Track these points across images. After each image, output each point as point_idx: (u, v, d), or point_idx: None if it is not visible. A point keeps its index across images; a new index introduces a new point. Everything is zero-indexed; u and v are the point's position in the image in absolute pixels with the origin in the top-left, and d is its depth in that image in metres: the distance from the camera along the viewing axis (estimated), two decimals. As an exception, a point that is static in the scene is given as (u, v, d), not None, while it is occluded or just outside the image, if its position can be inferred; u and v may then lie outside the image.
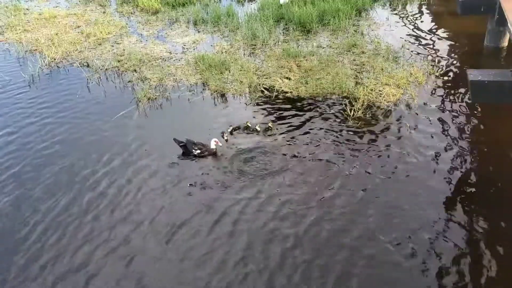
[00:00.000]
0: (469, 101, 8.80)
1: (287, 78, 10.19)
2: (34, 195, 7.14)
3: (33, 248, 6.16)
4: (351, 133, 8.15)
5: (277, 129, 8.46)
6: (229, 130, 8.38)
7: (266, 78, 10.28)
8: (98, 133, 8.74)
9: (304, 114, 8.83)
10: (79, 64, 11.80)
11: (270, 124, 8.51)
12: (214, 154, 7.85)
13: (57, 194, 7.13)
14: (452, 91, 9.34)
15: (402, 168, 7.19)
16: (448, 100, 9.05)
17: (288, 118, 8.76)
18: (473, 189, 6.79)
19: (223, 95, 9.80)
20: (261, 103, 9.38)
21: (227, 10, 14.33)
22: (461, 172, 7.06)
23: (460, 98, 9.07)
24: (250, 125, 8.46)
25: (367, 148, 7.71)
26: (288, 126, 8.50)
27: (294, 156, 7.67)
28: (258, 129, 8.41)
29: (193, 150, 7.77)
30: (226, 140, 8.14)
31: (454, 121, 8.32)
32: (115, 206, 6.83)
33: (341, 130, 8.24)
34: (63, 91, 10.47)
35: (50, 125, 9.10)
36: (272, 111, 9.04)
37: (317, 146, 7.87)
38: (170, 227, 6.37)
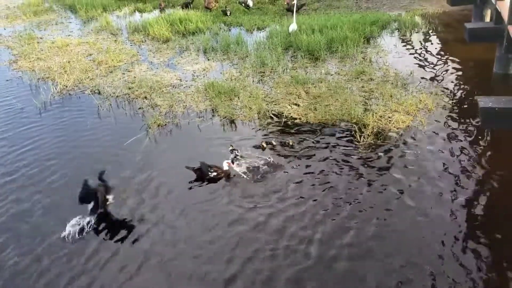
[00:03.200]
0: (479, 128, 8.75)
1: (295, 104, 10.23)
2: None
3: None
4: (361, 159, 8.09)
5: (294, 144, 8.68)
6: (230, 148, 8.48)
7: (275, 104, 10.33)
8: (108, 158, 8.76)
9: (313, 140, 8.81)
10: (91, 91, 11.97)
11: (290, 142, 8.72)
12: (228, 176, 7.92)
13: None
14: (462, 118, 9.30)
15: (412, 196, 7.09)
16: (458, 126, 9.00)
17: (297, 144, 8.74)
18: (486, 218, 6.63)
19: (232, 121, 9.84)
20: (270, 129, 9.38)
21: (236, 39, 14.56)
22: (473, 200, 6.93)
23: (470, 125, 9.02)
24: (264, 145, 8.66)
25: (377, 175, 7.64)
26: (297, 152, 8.47)
27: (301, 181, 7.62)
28: (265, 145, 8.62)
29: (209, 173, 7.81)
30: (241, 157, 8.28)
31: (464, 148, 8.24)
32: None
33: (350, 157, 8.18)
34: (74, 118, 10.57)
35: (60, 151, 9.15)
36: (281, 137, 9.03)
37: (326, 172, 7.81)
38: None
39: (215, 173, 7.82)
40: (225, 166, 7.92)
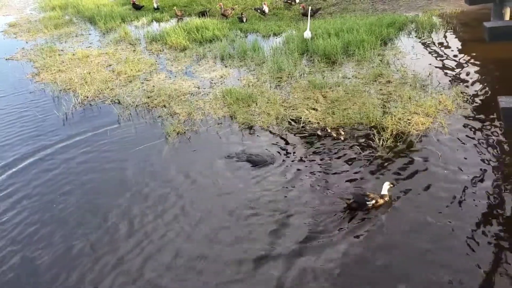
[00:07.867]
0: (501, 128, 8.61)
1: (313, 109, 10.23)
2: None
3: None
4: (381, 163, 8.04)
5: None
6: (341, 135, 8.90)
7: (293, 109, 10.35)
8: (127, 166, 8.92)
9: (332, 144, 8.79)
10: (111, 101, 12.17)
11: (333, 133, 8.98)
12: (386, 201, 6.92)
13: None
14: (484, 119, 9.16)
15: (434, 200, 7.01)
16: (479, 128, 8.86)
17: (316, 147, 8.73)
18: (510, 223, 6.53)
19: (251, 127, 9.89)
20: (289, 134, 9.40)
21: (253, 45, 14.64)
22: (496, 204, 6.82)
23: (492, 126, 8.88)
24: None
25: (398, 179, 7.58)
26: (316, 155, 8.47)
27: (322, 186, 7.61)
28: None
29: (367, 202, 6.81)
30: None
31: (487, 150, 8.11)
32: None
33: (370, 160, 8.15)
34: (95, 128, 10.75)
35: (83, 159, 9.35)
36: (300, 140, 9.04)
37: (346, 176, 7.79)
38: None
39: (373, 201, 6.81)
40: (385, 190, 6.94)
